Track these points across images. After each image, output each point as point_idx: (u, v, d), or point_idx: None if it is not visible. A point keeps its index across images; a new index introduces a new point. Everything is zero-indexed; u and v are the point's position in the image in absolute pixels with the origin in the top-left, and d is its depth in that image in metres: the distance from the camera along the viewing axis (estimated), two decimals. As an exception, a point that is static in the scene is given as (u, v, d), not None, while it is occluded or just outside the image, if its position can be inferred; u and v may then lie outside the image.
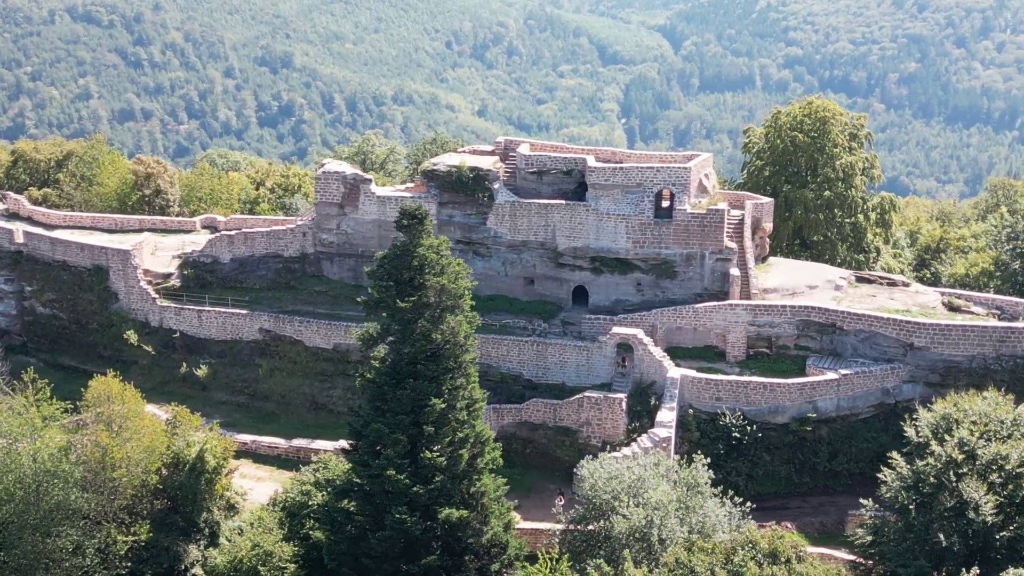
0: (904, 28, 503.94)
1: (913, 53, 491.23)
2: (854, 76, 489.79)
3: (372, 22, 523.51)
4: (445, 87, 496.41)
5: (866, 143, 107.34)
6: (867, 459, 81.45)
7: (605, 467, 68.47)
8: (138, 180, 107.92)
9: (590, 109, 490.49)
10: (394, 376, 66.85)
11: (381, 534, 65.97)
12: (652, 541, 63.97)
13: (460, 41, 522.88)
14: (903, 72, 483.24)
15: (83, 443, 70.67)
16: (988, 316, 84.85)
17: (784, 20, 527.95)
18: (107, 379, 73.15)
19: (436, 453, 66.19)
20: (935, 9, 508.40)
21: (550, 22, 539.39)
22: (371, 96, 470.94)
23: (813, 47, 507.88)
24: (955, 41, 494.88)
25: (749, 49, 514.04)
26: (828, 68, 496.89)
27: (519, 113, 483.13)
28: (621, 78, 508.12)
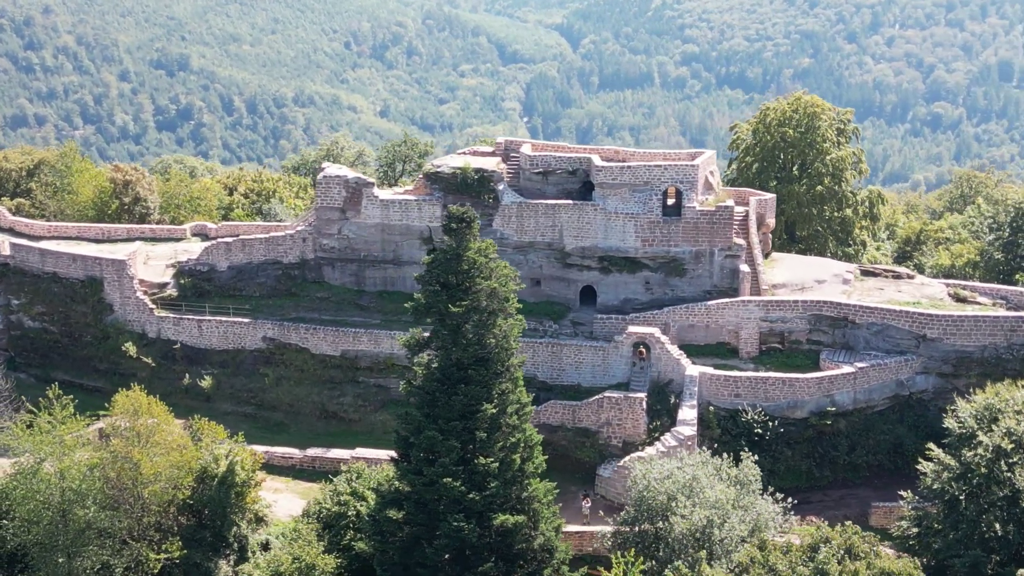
0: (797, 24, 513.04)
1: (806, 49, 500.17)
2: (750, 72, 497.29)
3: (269, 23, 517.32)
4: (346, 88, 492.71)
5: (853, 138, 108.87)
6: (884, 451, 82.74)
7: (656, 468, 68.38)
8: (116, 188, 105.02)
9: (492, 108, 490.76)
10: (444, 382, 66.08)
11: (438, 542, 65.23)
12: (713, 541, 64.05)
13: (359, 41, 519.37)
14: (797, 68, 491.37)
15: (112, 459, 68.45)
16: (994, 306, 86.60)
17: (680, 18, 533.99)
18: (134, 393, 71.17)
19: (490, 459, 65.53)
20: (826, 5, 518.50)
21: (448, 22, 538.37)
22: (271, 98, 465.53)
23: (709, 44, 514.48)
24: (846, 36, 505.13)
25: (647, 47, 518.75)
26: (724, 65, 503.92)
27: (422, 113, 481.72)
28: (522, 77, 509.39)
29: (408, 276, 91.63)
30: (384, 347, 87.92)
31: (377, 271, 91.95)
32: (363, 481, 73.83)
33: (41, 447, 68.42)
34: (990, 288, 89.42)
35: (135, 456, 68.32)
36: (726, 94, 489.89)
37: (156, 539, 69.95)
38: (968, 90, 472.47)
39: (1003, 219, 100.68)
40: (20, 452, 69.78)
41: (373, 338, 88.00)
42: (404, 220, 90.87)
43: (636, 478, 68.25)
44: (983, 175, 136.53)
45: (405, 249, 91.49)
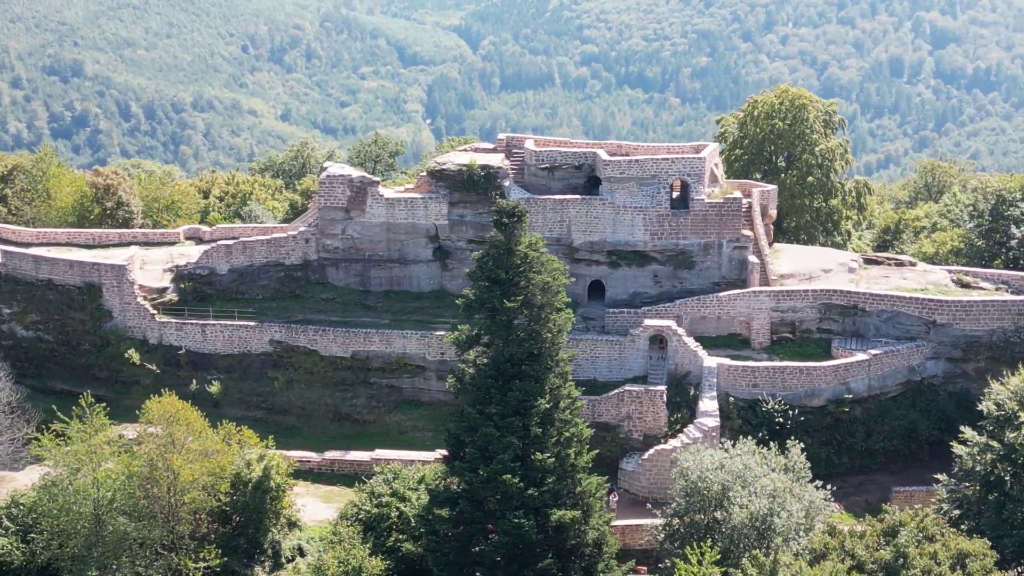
0: (693, 24, 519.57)
1: (703, 48, 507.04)
2: (649, 72, 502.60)
3: (164, 27, 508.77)
4: (245, 92, 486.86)
5: (839, 129, 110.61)
6: (899, 436, 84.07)
7: (707, 458, 68.57)
8: (98, 193, 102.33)
9: (395, 111, 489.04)
10: (498, 378, 65.65)
11: (497, 540, 64.79)
12: (774, 529, 64.49)
13: (257, 45, 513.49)
14: (695, 67, 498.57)
15: (150, 468, 66.82)
16: (996, 291, 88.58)
17: (578, 18, 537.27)
18: (169, 399, 69.59)
19: (546, 455, 65.30)
20: (721, 5, 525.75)
21: (347, 24, 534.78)
22: (169, 103, 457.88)
23: (608, 44, 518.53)
24: (742, 35, 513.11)
25: (546, 48, 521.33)
26: (624, 64, 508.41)
27: (324, 116, 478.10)
28: (423, 79, 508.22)
29: (414, 275, 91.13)
30: (396, 347, 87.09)
31: (382, 271, 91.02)
32: (402, 481, 72.91)
33: (76, 457, 66.55)
34: (991, 273, 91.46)
35: (174, 463, 66.79)
36: (626, 93, 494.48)
37: (191, 547, 68.33)
38: (861, 86, 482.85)
39: (983, 206, 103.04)
40: (55, 463, 67.83)
41: (385, 338, 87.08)
42: (410, 219, 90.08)
43: (689, 469, 68.24)
44: (946, 164, 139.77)
45: (411, 248, 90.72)
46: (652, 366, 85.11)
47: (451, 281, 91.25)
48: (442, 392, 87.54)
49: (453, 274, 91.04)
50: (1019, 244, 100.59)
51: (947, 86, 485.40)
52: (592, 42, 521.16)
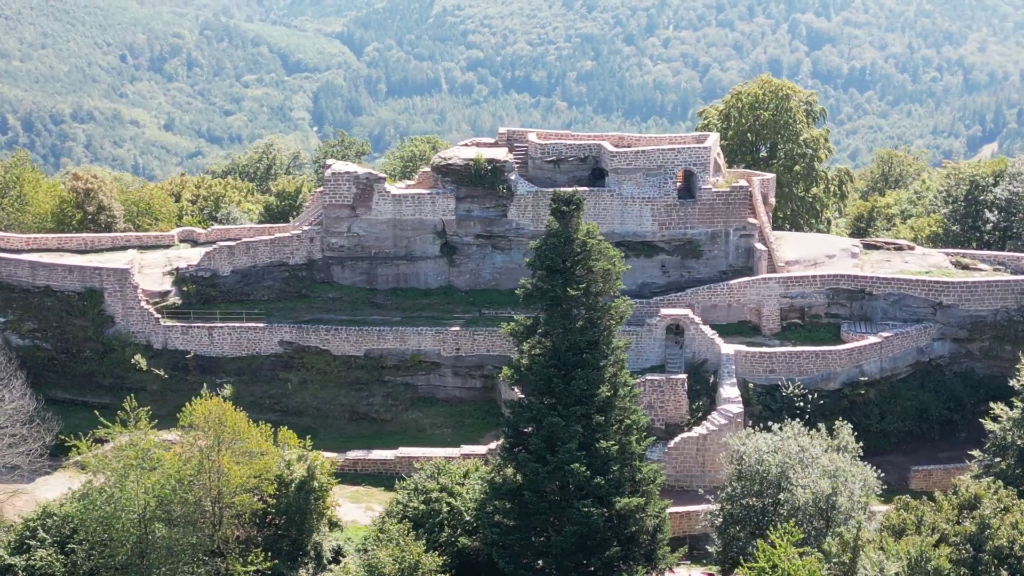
0: (577, 28, 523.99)
1: (588, 52, 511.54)
2: (535, 76, 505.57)
3: (38, 38, 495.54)
4: (126, 102, 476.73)
5: (820, 119, 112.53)
6: (911, 417, 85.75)
7: (762, 442, 69.05)
8: (78, 197, 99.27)
9: (281, 118, 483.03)
10: (560, 367, 65.50)
11: (567, 529, 64.59)
12: (838, 508, 65.36)
13: (136, 54, 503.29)
14: (580, 70, 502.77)
15: (198, 471, 65.27)
16: (994, 271, 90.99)
17: (462, 24, 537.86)
18: (214, 401, 67.97)
19: (611, 442, 65.37)
20: (603, 9, 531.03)
21: (227, 32, 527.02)
22: (48, 115, 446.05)
23: (493, 49, 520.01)
24: (624, 39, 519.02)
25: (431, 53, 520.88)
26: (510, 69, 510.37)
27: (208, 125, 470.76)
28: (308, 86, 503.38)
29: (421, 272, 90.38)
30: (411, 344, 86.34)
31: (389, 268, 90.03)
32: (448, 476, 72.05)
33: (125, 464, 64.71)
34: (987, 255, 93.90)
35: (225, 465, 65.34)
36: (513, 98, 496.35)
37: (237, 551, 66.87)
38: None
39: (958, 192, 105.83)
40: (99, 471, 65.80)
41: (399, 336, 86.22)
42: (417, 215, 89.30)
43: (745, 453, 68.66)
44: (901, 154, 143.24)
45: (418, 244, 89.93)
46: (669, 355, 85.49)
47: (458, 277, 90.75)
48: (458, 388, 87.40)
49: (460, 270, 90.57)
50: (994, 228, 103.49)
51: (824, 86, 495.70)
52: (477, 47, 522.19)
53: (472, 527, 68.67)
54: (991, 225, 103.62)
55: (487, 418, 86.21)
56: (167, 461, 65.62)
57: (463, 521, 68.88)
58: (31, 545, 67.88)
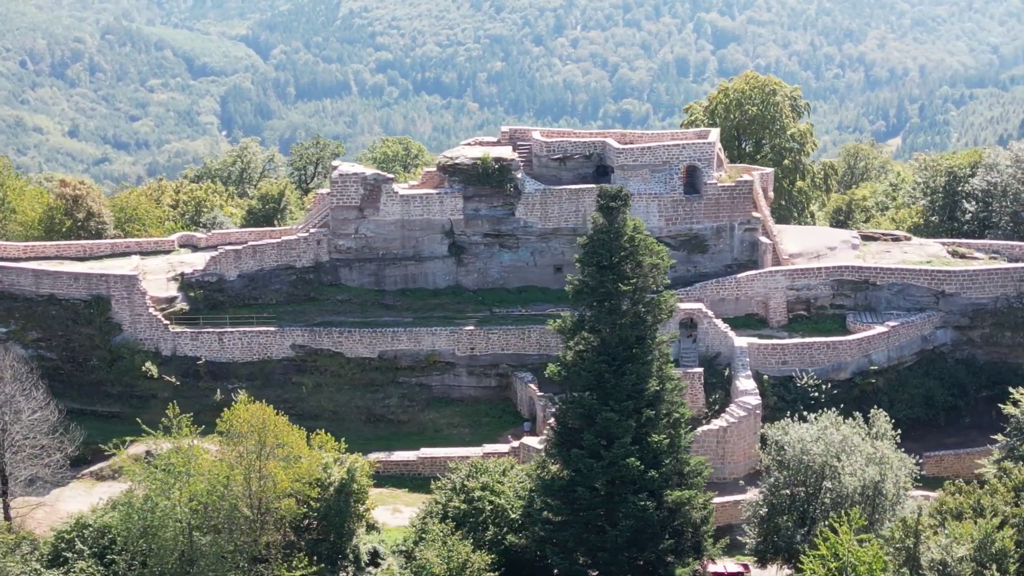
0: (485, 29, 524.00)
1: (497, 53, 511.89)
2: (445, 77, 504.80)
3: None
4: (28, 109, 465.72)
5: (804, 113, 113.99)
6: (918, 404, 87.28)
7: (805, 432, 69.77)
8: (67, 204, 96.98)
9: (188, 123, 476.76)
10: (611, 362, 65.74)
11: (623, 524, 64.84)
12: (885, 495, 66.48)
13: (36, 60, 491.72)
14: (491, 71, 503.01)
15: (244, 477, 64.51)
16: (990, 259, 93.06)
17: (370, 26, 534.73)
18: (256, 406, 67.14)
19: (662, 436, 65.82)
20: (511, 10, 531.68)
21: (130, 36, 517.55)
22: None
23: (402, 51, 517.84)
24: (533, 39, 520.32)
25: (340, 55, 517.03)
26: (420, 71, 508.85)
27: (114, 131, 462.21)
28: (215, 90, 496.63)
29: (429, 272, 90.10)
30: (425, 344, 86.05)
31: (397, 269, 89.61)
32: (489, 475, 71.80)
33: (171, 473, 63.72)
34: (981, 244, 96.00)
35: (271, 470, 64.67)
36: (424, 99, 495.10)
37: (280, 557, 66.21)
38: (651, 87, 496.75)
39: (937, 183, 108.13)
40: (142, 482, 64.65)
41: (413, 336, 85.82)
42: (425, 215, 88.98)
43: (787, 443, 69.35)
44: (866, 147, 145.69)
45: (426, 244, 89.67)
46: (683, 349, 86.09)
47: (466, 276, 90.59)
48: (473, 388, 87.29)
49: (468, 269, 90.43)
50: (972, 218, 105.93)
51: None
52: (386, 49, 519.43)
53: (518, 524, 68.58)
54: (970, 215, 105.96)
55: (503, 417, 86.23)
56: (213, 468, 64.66)
57: (509, 519, 68.73)
58: (68, 557, 66.84)
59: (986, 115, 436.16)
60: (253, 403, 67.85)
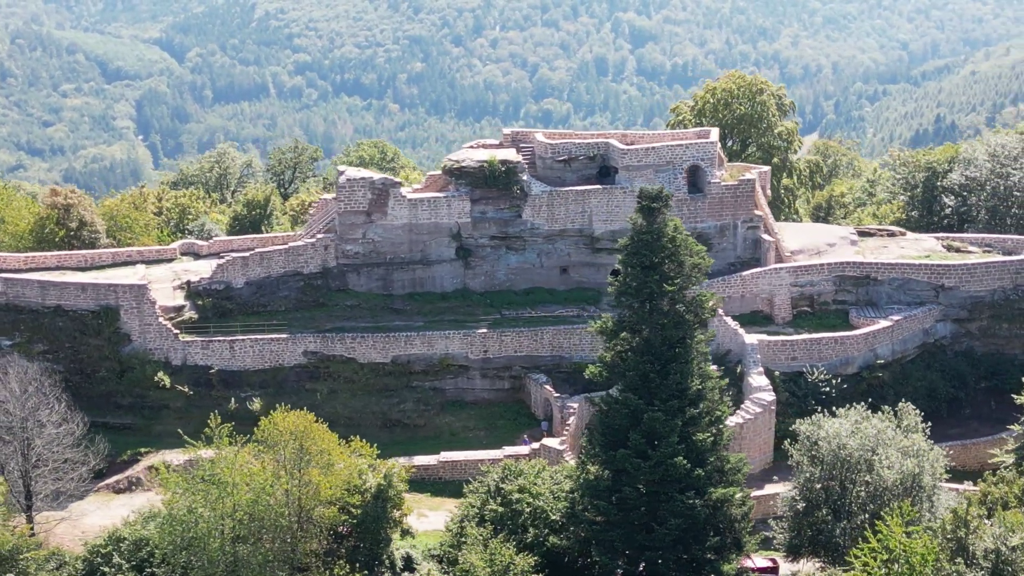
0: (404, 30, 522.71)
1: (417, 54, 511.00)
2: (365, 79, 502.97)
3: None
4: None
5: (790, 112, 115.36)
6: (921, 396, 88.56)
7: (839, 426, 70.61)
8: (59, 214, 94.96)
9: (104, 128, 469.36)
10: (655, 362, 66.06)
11: (672, 523, 65.16)
12: (924, 487, 67.62)
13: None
14: (411, 72, 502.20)
15: (288, 486, 64.04)
16: (983, 253, 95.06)
17: (287, 27, 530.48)
18: (299, 413, 66.63)
19: (706, 434, 66.33)
20: (430, 11, 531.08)
21: (40, 40, 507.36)
22: None
23: (321, 52, 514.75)
24: (453, 40, 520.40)
25: (257, 58, 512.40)
26: (339, 72, 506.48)
27: (28, 138, 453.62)
28: (130, 94, 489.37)
29: (437, 275, 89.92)
30: (438, 348, 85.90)
31: (405, 273, 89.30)
32: (525, 478, 71.73)
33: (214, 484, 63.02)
34: (975, 237, 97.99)
35: (315, 479, 64.28)
36: (345, 101, 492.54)
37: (320, 564, 65.83)
38: (571, 86, 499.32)
39: (917, 179, 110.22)
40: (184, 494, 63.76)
41: (427, 340, 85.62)
42: (433, 218, 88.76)
43: (822, 437, 70.10)
44: (834, 144, 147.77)
45: (433, 248, 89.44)
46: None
47: (473, 279, 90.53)
48: (487, 390, 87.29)
49: (475, 272, 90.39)
50: (952, 212, 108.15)
51: (649, 83, 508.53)
52: (304, 51, 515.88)
53: (558, 526, 68.60)
54: (950, 209, 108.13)
55: (518, 419, 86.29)
56: (258, 477, 64.03)
57: (549, 520, 68.71)
58: (105, 572, 65.87)
59: (900, 110, 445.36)
60: (290, 411, 67.13)
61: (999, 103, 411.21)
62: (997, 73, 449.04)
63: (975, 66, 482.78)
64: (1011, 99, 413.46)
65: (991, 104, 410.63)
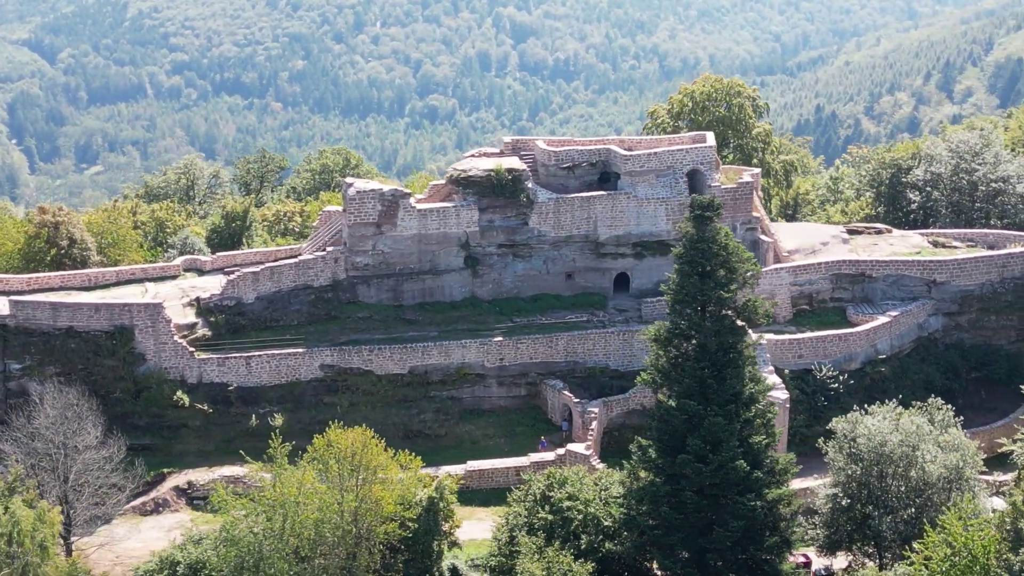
0: (284, 27, 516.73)
1: (298, 51, 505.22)
2: (245, 77, 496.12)
3: None
4: None
5: (764, 113, 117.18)
6: (919, 389, 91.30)
7: (880, 424, 72.44)
8: (48, 233, 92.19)
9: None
10: (712, 367, 67.16)
11: (734, 524, 66.36)
12: (967, 479, 69.87)
13: None
14: (292, 70, 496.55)
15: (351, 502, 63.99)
16: (967, 248, 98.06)
17: (162, 26, 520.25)
18: (359, 429, 66.46)
19: (762, 437, 67.68)
20: (309, 7, 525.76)
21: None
22: None
23: (199, 52, 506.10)
24: (334, 37, 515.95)
25: (132, 58, 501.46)
26: (218, 71, 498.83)
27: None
28: (1, 97, 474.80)
29: (446, 285, 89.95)
30: (455, 358, 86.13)
31: (415, 283, 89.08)
32: (573, 485, 72.16)
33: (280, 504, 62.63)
34: (958, 233, 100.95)
35: (377, 494, 64.35)
36: (225, 100, 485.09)
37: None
38: (456, 82, 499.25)
39: (883, 176, 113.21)
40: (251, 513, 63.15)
41: (444, 350, 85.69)
42: (442, 228, 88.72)
43: (860, 434, 71.81)
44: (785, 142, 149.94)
45: (442, 257, 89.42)
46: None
47: (481, 287, 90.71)
48: (503, 398, 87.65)
49: (483, 280, 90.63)
50: (919, 207, 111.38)
51: (532, 77, 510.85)
52: (181, 50, 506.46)
53: (612, 531, 69.26)
54: (916, 204, 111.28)
55: (536, 425, 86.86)
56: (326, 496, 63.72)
57: (602, 527, 69.33)
58: (166, 596, 64.82)
59: (780, 101, 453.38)
60: (344, 428, 66.96)
61: (875, 92, 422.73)
62: (870, 63, 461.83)
63: (848, 56, 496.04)
64: (887, 88, 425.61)
65: (867, 94, 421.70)
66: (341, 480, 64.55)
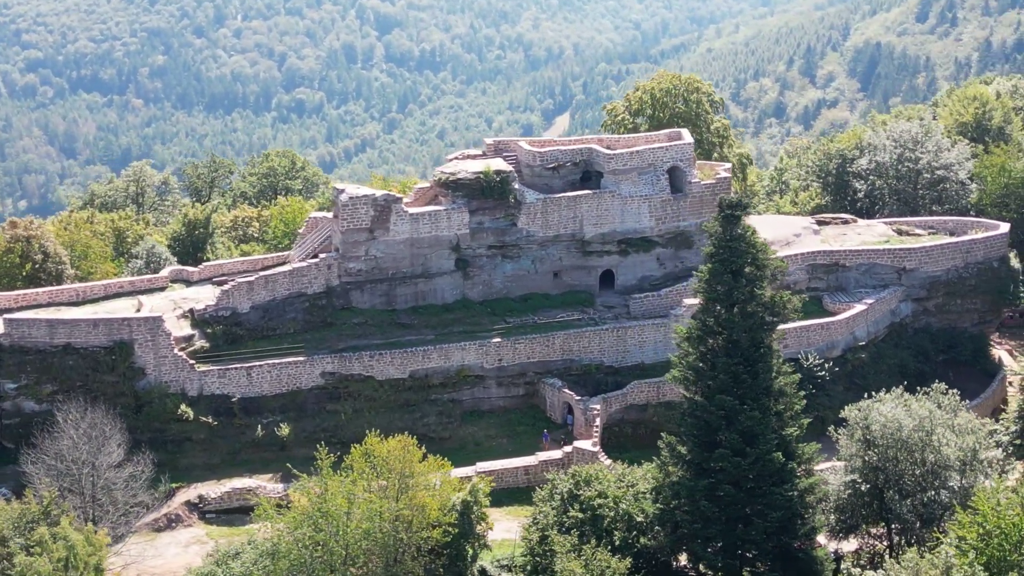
0: (141, 22, 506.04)
1: (157, 46, 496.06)
2: (104, 74, 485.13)
3: None
4: None
5: (719, 109, 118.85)
6: (894, 374, 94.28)
7: (893, 410, 74.60)
8: (22, 247, 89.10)
9: None
10: (745, 363, 68.53)
11: (773, 515, 67.89)
12: (982, 461, 72.59)
13: None
14: (153, 66, 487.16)
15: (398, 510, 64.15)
16: (929, 235, 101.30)
17: (13, 23, 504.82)
18: (401, 437, 66.48)
19: (794, 428, 69.35)
20: (167, 1, 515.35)
21: None
22: None
23: (53, 48, 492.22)
24: (194, 31, 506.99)
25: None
26: (75, 68, 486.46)
27: None
28: None
29: (438, 288, 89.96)
30: (455, 360, 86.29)
31: (408, 287, 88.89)
32: (600, 483, 72.77)
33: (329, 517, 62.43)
34: (919, 221, 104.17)
35: (424, 502, 64.61)
36: (83, 98, 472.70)
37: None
38: (322, 75, 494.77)
39: (830, 166, 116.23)
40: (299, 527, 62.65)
41: (443, 353, 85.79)
42: (433, 231, 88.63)
43: (874, 421, 73.85)
44: None
45: (434, 261, 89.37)
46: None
47: (472, 289, 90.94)
48: (502, 398, 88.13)
49: (474, 282, 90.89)
50: (865, 196, 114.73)
51: (399, 69, 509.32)
52: (35, 47, 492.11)
53: (645, 527, 70.15)
54: (862, 193, 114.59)
55: (536, 424, 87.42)
56: (375, 505, 63.53)
57: (635, 523, 70.18)
58: (211, 613, 63.96)
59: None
60: (381, 437, 66.86)
61: (740, 79, 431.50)
62: (732, 50, 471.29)
63: (709, 43, 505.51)
64: (751, 74, 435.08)
65: (732, 80, 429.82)
66: (391, 488, 64.22)
